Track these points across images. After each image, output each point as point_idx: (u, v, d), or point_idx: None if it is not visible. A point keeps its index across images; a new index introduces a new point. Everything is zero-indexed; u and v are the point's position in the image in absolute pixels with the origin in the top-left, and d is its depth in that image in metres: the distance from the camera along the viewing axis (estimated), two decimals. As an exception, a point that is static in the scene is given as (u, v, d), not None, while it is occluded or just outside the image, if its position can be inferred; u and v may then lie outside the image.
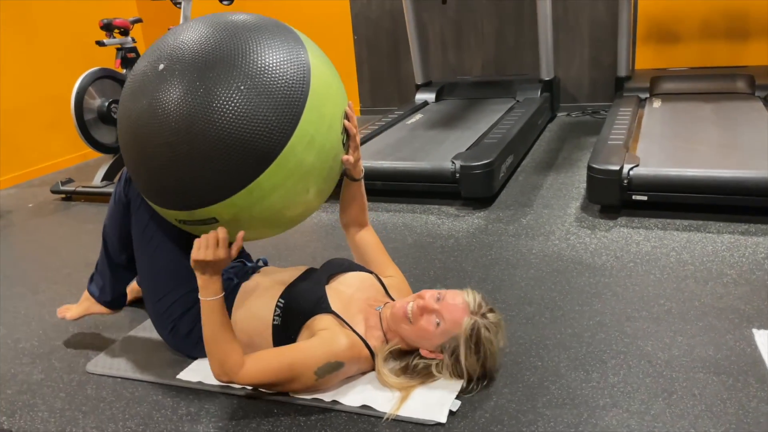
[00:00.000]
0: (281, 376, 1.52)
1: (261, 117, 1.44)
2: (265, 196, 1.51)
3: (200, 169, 1.45)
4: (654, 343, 1.75)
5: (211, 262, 1.49)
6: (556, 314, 1.95)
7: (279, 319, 1.64)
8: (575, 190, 3.06)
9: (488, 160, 2.86)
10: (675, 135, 3.06)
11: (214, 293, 1.52)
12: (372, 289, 1.75)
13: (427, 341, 1.55)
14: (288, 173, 1.50)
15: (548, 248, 2.44)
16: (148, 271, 1.77)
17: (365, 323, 1.65)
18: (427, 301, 1.53)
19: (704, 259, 2.24)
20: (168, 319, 1.76)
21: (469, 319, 1.52)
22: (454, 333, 1.52)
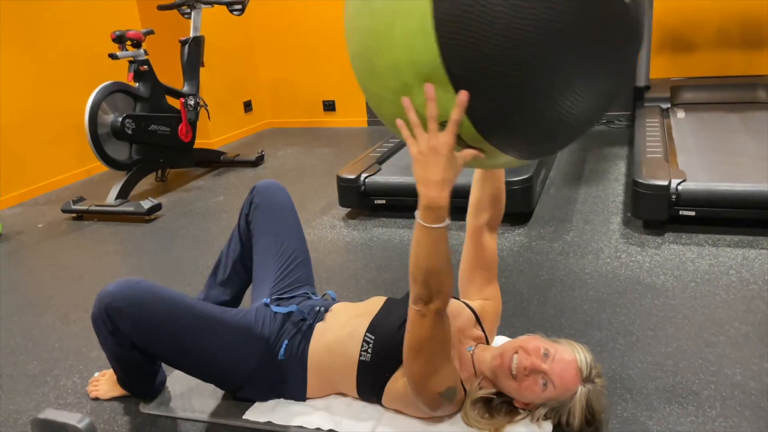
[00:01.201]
0: (439, 358, 1.38)
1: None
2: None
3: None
4: (742, 371, 1.69)
5: (430, 155, 1.16)
6: (629, 340, 1.88)
7: (368, 355, 1.53)
8: (612, 204, 3.00)
9: (527, 175, 2.79)
10: (712, 148, 3.01)
11: (437, 218, 1.21)
12: (462, 319, 1.63)
13: (526, 398, 1.46)
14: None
15: (601, 267, 2.36)
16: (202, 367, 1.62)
17: (459, 362, 1.55)
18: (535, 361, 1.40)
19: (766, 277, 2.18)
20: (238, 383, 1.65)
21: (582, 388, 1.40)
22: (563, 399, 1.42)
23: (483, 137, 1.15)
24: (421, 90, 1.12)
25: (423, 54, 1.08)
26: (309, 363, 1.61)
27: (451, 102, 1.10)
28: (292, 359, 1.62)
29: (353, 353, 1.55)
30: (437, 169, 1.17)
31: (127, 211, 3.33)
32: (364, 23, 1.17)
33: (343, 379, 1.59)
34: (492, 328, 1.73)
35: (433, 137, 1.15)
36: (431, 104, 1.12)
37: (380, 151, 3.46)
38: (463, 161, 1.20)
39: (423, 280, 1.28)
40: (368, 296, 2.28)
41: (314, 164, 4.25)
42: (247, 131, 5.37)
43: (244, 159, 4.32)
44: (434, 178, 1.18)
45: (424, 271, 1.27)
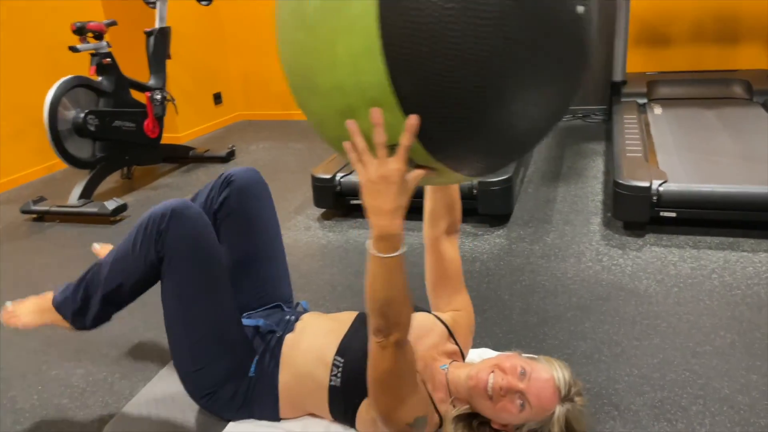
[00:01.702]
0: (402, 390, 1.30)
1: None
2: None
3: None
4: (729, 383, 1.65)
5: (380, 183, 1.09)
6: (615, 351, 1.83)
7: (337, 380, 1.45)
8: (592, 204, 2.96)
9: (507, 176, 2.72)
10: (691, 146, 2.99)
11: (391, 247, 1.14)
12: (434, 335, 1.56)
13: (505, 419, 1.38)
14: None
15: (583, 272, 2.32)
16: (185, 340, 1.53)
17: (431, 383, 1.47)
18: (511, 381, 1.32)
19: (749, 282, 2.15)
20: (207, 386, 1.55)
21: (560, 408, 1.33)
22: (541, 419, 1.34)
23: (435, 159, 1.09)
24: (367, 113, 1.04)
25: (370, 75, 1.00)
26: (279, 385, 1.53)
27: (400, 125, 1.03)
28: (263, 377, 1.53)
29: (323, 378, 1.47)
30: (388, 197, 1.10)
31: (90, 212, 3.18)
32: (301, 38, 1.07)
33: (315, 403, 1.51)
34: (466, 341, 1.65)
35: (383, 164, 1.08)
36: (379, 130, 1.04)
37: (355, 149, 3.36)
38: (415, 183, 1.13)
39: (380, 311, 1.21)
40: (345, 305, 2.20)
41: (288, 160, 4.13)
42: (217, 124, 5.21)
43: (214, 155, 4.18)
44: (386, 207, 1.11)
45: (380, 302, 1.20)
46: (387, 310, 1.20)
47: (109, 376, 1.89)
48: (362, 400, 1.43)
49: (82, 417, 1.72)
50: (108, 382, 1.86)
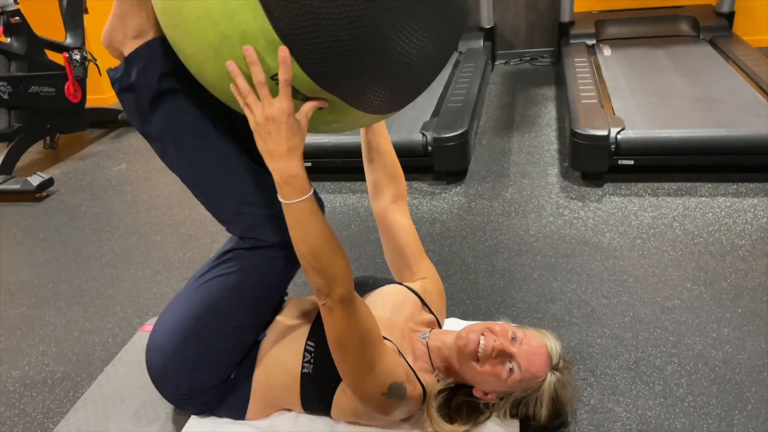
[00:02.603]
0: (369, 352, 1.21)
1: None
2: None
3: None
4: (702, 339, 1.63)
5: (269, 125, 1.02)
6: (585, 312, 1.78)
7: (310, 366, 1.34)
8: (548, 154, 2.89)
9: (462, 130, 2.61)
10: (644, 89, 2.93)
11: (297, 190, 1.07)
12: (408, 306, 1.47)
13: (490, 385, 1.31)
14: None
15: (545, 227, 2.25)
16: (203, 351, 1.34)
17: (412, 353, 1.39)
18: (503, 343, 1.27)
19: (710, 229, 2.14)
20: (192, 391, 1.39)
21: (551, 376, 1.28)
22: (530, 386, 1.29)
23: (323, 88, 1.01)
24: (242, 46, 0.96)
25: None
26: (253, 383, 1.40)
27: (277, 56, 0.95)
28: (240, 377, 1.41)
29: (294, 367, 1.36)
30: (280, 139, 1.04)
31: (12, 189, 2.90)
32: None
33: (286, 396, 1.40)
34: (440, 308, 1.57)
35: (268, 105, 1.01)
36: (255, 68, 0.97)
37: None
38: (306, 119, 1.05)
39: (311, 267, 1.13)
40: (304, 278, 2.07)
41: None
42: (148, 83, 4.85)
43: (146, 117, 3.88)
44: (278, 149, 1.05)
45: (307, 257, 1.12)
46: (316, 263, 1.12)
47: (49, 377, 1.73)
48: (338, 384, 1.34)
49: (24, 427, 1.56)
50: (48, 385, 1.70)
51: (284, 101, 1.01)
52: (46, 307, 2.07)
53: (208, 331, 1.31)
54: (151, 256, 2.33)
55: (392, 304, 1.45)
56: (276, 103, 1.01)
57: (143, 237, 2.48)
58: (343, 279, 1.15)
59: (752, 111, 2.55)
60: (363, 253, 2.19)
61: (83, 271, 2.27)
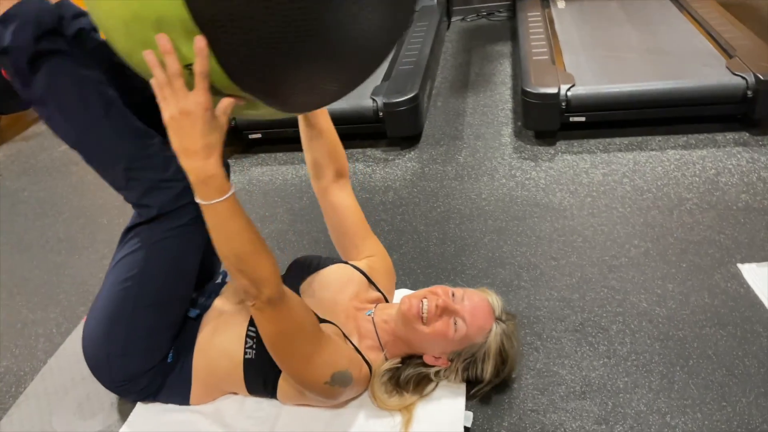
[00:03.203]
0: (307, 345, 1.20)
1: None
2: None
3: None
4: (647, 296, 1.64)
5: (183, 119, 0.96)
6: (534, 275, 1.78)
7: (252, 352, 1.32)
8: (502, 113, 2.85)
9: (413, 94, 2.55)
10: (596, 42, 2.90)
11: (215, 190, 1.02)
12: (353, 285, 1.46)
13: (439, 346, 1.32)
14: None
15: (497, 190, 2.24)
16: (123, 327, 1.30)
17: (357, 333, 1.38)
18: (447, 301, 1.27)
19: (658, 183, 2.14)
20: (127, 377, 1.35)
21: (497, 327, 1.30)
22: (476, 341, 1.30)
23: (239, 86, 0.94)
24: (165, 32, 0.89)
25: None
26: (194, 369, 1.38)
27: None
28: (178, 361, 1.38)
29: (236, 352, 1.33)
30: (194, 135, 0.98)
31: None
32: None
33: (229, 381, 1.38)
34: (388, 286, 1.56)
35: (183, 98, 0.95)
36: (170, 59, 0.91)
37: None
38: (226, 116, 1.00)
39: (236, 269, 1.09)
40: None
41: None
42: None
43: (92, 93, 3.74)
44: (193, 146, 0.99)
45: (231, 259, 1.09)
46: (242, 266, 1.09)
47: (-10, 373, 1.68)
48: (280, 371, 1.32)
49: (-38, 428, 1.52)
50: (-11, 381, 1.66)
51: (200, 95, 0.95)
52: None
53: (126, 314, 1.27)
54: (96, 239, 2.27)
55: (336, 285, 1.43)
56: (192, 97, 0.96)
57: (89, 220, 2.41)
58: (270, 280, 1.11)
59: (703, 61, 2.54)
60: (315, 226, 2.16)
61: (26, 260, 2.20)
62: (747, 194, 2.01)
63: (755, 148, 2.27)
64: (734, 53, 2.50)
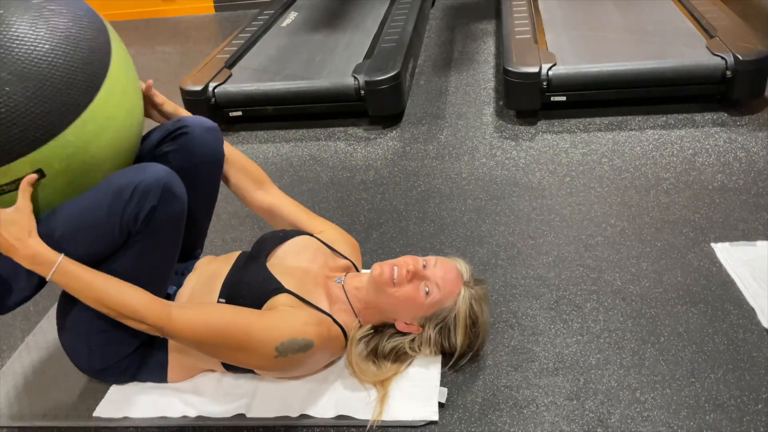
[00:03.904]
0: (230, 338, 1.22)
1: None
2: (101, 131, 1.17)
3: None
4: (621, 274, 1.66)
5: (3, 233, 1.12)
6: (511, 253, 1.80)
7: None
8: (484, 92, 2.85)
9: (394, 72, 2.54)
10: (579, 22, 2.89)
11: (47, 262, 1.14)
12: (321, 254, 1.48)
13: (410, 311, 1.34)
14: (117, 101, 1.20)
15: (477, 169, 2.24)
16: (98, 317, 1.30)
17: (328, 298, 1.40)
18: (417, 267, 1.32)
19: (637, 163, 2.16)
20: (106, 363, 1.37)
21: (465, 291, 1.34)
22: (446, 305, 1.33)
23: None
24: None
25: None
26: (170, 346, 1.39)
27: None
28: (155, 341, 1.39)
29: None
30: (4, 237, 1.13)
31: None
32: None
33: (204, 358, 1.39)
34: (354, 255, 1.59)
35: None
36: None
37: (229, 51, 3.03)
38: (22, 202, 1.12)
39: (114, 315, 1.20)
40: (234, 234, 2.04)
41: (157, 67, 3.71)
42: (73, 31, 4.57)
43: (70, 69, 3.67)
44: (8, 246, 1.13)
45: (103, 309, 1.20)
46: (113, 311, 1.19)
47: (-33, 352, 1.67)
48: None
49: (-62, 406, 1.51)
50: (-35, 360, 1.65)
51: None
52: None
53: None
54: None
55: (306, 255, 1.46)
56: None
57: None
58: (146, 310, 1.18)
59: (683, 41, 2.55)
60: (294, 204, 2.15)
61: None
62: (723, 174, 2.03)
63: (733, 129, 2.29)
64: (715, 33, 2.51)
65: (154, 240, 1.25)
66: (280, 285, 1.34)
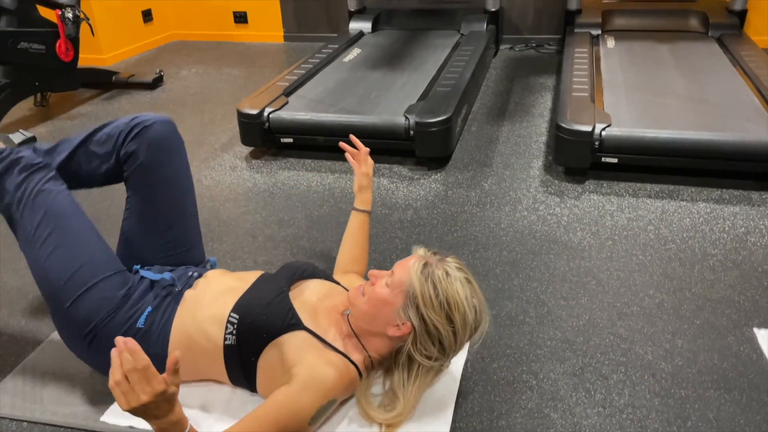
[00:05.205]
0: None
1: None
2: None
3: None
4: (653, 349, 1.59)
5: (150, 403, 1.04)
6: (540, 312, 1.74)
7: (233, 338, 1.34)
8: (534, 145, 2.83)
9: (446, 116, 2.55)
10: (640, 85, 2.85)
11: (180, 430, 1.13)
12: (339, 296, 1.49)
13: (384, 308, 1.31)
14: None
15: (518, 222, 2.21)
16: (49, 275, 1.40)
17: (340, 335, 1.39)
18: (377, 271, 1.37)
19: (684, 234, 2.08)
20: (84, 327, 1.39)
21: (418, 262, 1.32)
22: (406, 281, 1.29)
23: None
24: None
25: None
26: (171, 342, 1.40)
27: None
28: (153, 331, 1.40)
29: (217, 336, 1.36)
30: (158, 415, 1.09)
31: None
32: None
33: (211, 366, 1.40)
34: None
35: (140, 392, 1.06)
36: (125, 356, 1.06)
37: (289, 79, 3.11)
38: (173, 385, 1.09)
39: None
40: (266, 257, 2.05)
41: (220, 88, 3.84)
42: (148, 45, 4.81)
43: (139, 80, 3.85)
44: (158, 410, 1.08)
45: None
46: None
47: (-4, 339, 1.72)
48: (258, 357, 1.35)
49: (-40, 388, 1.56)
50: (-7, 347, 1.70)
51: (156, 383, 1.04)
52: (4, 268, 2.06)
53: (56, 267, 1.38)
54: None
55: (323, 292, 1.48)
56: (148, 388, 1.04)
57: (116, 201, 2.47)
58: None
59: (746, 116, 2.47)
60: (330, 235, 2.16)
61: (49, 234, 2.25)
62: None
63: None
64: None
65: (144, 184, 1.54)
66: (299, 321, 1.34)
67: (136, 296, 1.42)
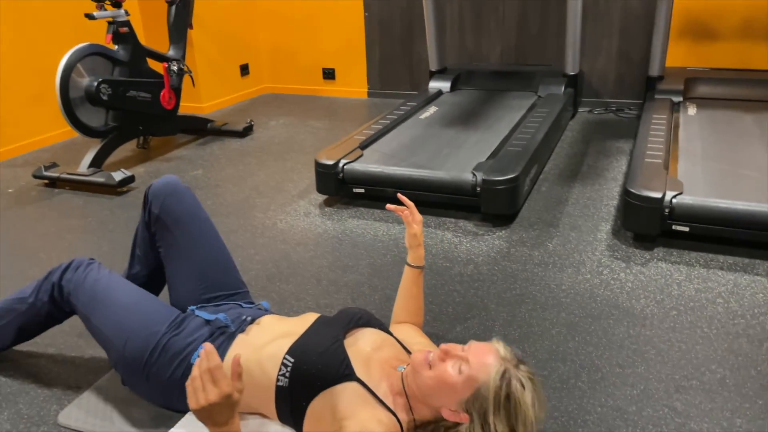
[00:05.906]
0: None
1: None
2: None
3: None
4: (710, 426, 1.53)
5: (216, 404, 1.13)
6: (594, 377, 1.72)
7: (285, 380, 1.40)
8: (604, 209, 2.81)
9: (512, 175, 2.60)
10: (718, 155, 2.79)
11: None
12: (393, 348, 1.52)
13: (449, 393, 1.30)
14: None
15: (579, 284, 2.19)
16: (108, 326, 1.58)
17: (390, 390, 1.41)
18: (451, 347, 1.33)
19: (755, 310, 2.00)
20: (140, 364, 1.52)
21: (498, 364, 1.27)
22: (481, 380, 1.27)
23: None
24: None
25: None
26: None
27: None
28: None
29: (270, 376, 1.43)
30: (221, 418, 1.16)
31: (97, 181, 3.20)
32: None
33: (262, 402, 1.47)
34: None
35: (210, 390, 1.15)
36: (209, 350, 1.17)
37: (366, 133, 3.27)
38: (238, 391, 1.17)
39: None
40: (328, 300, 2.15)
41: (304, 139, 4.07)
42: (243, 96, 5.17)
43: (231, 128, 4.15)
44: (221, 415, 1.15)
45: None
46: None
47: (77, 356, 1.89)
48: (309, 403, 1.39)
49: (43, 400, 1.72)
50: (74, 364, 1.86)
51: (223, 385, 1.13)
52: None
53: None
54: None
55: (377, 343, 1.50)
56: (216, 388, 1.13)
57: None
58: None
59: (832, 191, 2.37)
60: (391, 283, 2.23)
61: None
62: None
63: None
64: None
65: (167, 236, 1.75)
66: (352, 371, 1.37)
67: (191, 327, 1.54)
